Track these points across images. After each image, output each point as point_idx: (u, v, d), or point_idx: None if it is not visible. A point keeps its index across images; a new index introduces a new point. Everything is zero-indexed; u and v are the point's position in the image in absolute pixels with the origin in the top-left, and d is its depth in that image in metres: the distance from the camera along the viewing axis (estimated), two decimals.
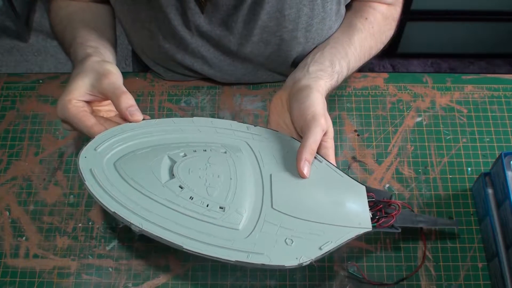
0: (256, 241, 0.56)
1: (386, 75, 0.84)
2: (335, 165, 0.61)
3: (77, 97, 0.60)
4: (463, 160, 0.76)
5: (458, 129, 0.79)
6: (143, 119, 0.61)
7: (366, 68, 0.85)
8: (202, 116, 0.80)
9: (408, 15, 1.59)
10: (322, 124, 0.60)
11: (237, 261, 0.54)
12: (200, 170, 0.58)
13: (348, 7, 0.76)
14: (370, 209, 0.60)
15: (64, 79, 0.84)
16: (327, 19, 0.72)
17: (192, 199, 0.56)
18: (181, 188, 0.57)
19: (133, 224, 0.54)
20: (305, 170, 0.59)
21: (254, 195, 0.59)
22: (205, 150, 0.60)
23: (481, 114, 0.80)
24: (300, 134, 0.62)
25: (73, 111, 0.59)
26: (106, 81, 0.60)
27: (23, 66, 1.91)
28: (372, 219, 0.59)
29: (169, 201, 0.56)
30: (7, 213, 0.73)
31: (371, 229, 0.58)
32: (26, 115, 0.80)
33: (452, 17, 1.63)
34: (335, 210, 0.59)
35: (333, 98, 0.81)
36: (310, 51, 0.74)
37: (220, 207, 0.57)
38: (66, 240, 0.71)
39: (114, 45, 0.75)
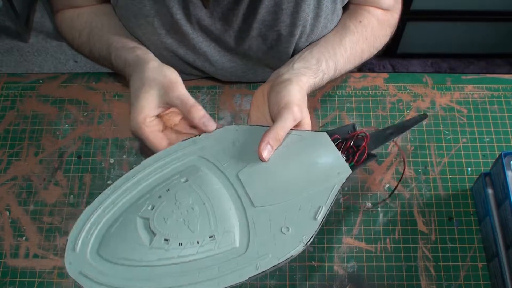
0: (257, 247, 0.55)
1: (386, 75, 0.84)
2: None
3: (149, 114, 0.61)
4: (463, 160, 0.76)
5: (458, 129, 0.79)
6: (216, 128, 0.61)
7: (366, 68, 0.85)
8: None
9: (408, 15, 1.59)
10: (294, 112, 0.60)
11: (249, 277, 0.54)
12: (174, 214, 0.56)
13: (344, 9, 0.76)
14: (341, 151, 0.60)
15: (64, 79, 0.84)
16: (322, 17, 0.72)
17: (181, 245, 0.55)
18: (167, 240, 0.55)
19: None
20: (265, 153, 0.58)
21: (233, 205, 0.57)
22: (168, 190, 0.58)
23: (481, 114, 0.80)
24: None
25: (146, 133, 0.60)
26: (173, 94, 0.60)
27: (23, 66, 1.91)
28: (347, 159, 0.59)
29: (162, 259, 0.55)
30: (7, 213, 0.73)
31: (351, 172, 0.58)
32: (26, 115, 0.80)
33: (452, 17, 1.63)
34: (311, 174, 0.59)
35: (333, 98, 0.81)
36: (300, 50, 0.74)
37: (209, 237, 0.55)
38: (66, 240, 0.71)
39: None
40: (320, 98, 0.81)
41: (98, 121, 0.80)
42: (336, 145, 0.61)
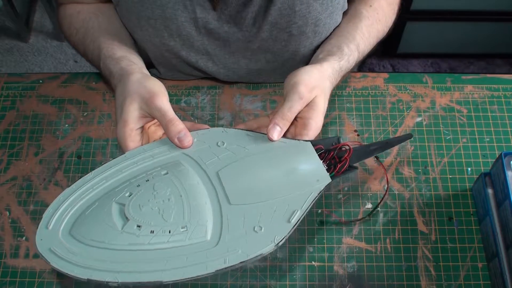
0: (228, 243, 0.56)
1: (386, 75, 0.84)
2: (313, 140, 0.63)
3: (133, 127, 0.61)
4: (463, 160, 0.76)
5: (458, 129, 0.79)
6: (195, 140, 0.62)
7: (366, 68, 0.85)
8: (203, 116, 0.80)
9: (408, 15, 1.59)
10: (300, 92, 0.60)
11: (216, 270, 0.55)
12: (150, 202, 0.57)
13: None
14: (323, 161, 0.61)
15: (64, 79, 0.84)
16: (334, 13, 0.72)
17: (153, 232, 0.56)
18: (139, 226, 0.56)
19: (110, 282, 0.54)
20: (274, 134, 0.60)
21: (209, 201, 0.58)
22: (148, 180, 0.59)
23: (481, 114, 0.80)
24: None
25: (130, 147, 0.61)
26: (152, 106, 0.60)
27: (23, 66, 1.91)
28: (328, 169, 0.60)
29: (132, 244, 0.56)
30: (7, 213, 0.73)
31: (330, 181, 0.59)
32: (26, 115, 0.80)
33: (452, 17, 1.63)
34: (291, 179, 0.60)
35: (333, 98, 0.81)
36: (319, 45, 0.75)
37: (182, 227, 0.56)
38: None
39: (134, 44, 0.75)
40: None
41: (98, 121, 0.80)
42: (318, 155, 0.61)
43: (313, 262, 0.70)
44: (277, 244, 0.56)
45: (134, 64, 0.67)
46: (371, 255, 0.70)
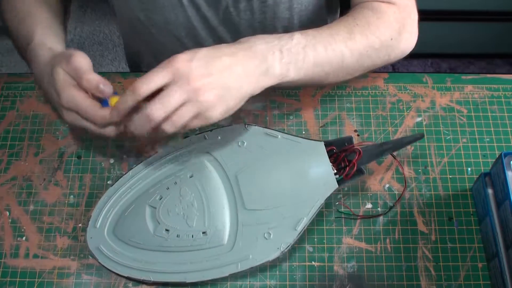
0: (241, 248, 0.63)
1: (386, 75, 0.84)
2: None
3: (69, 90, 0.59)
4: (463, 160, 0.76)
5: (458, 129, 0.79)
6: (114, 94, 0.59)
7: None
8: None
9: None
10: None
11: (230, 274, 0.62)
12: (176, 207, 0.64)
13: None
14: (333, 163, 0.65)
15: None
16: None
17: (178, 236, 0.63)
18: (167, 231, 0.63)
19: (145, 280, 0.63)
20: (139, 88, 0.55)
21: (227, 205, 0.64)
22: (176, 183, 0.65)
23: (481, 114, 0.80)
24: None
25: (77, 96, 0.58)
26: (69, 67, 0.58)
27: (23, 66, 1.90)
28: (338, 171, 0.64)
29: (162, 246, 0.63)
30: (7, 213, 0.73)
31: (337, 187, 0.63)
32: (26, 115, 0.80)
33: (452, 17, 1.63)
34: (301, 184, 0.64)
35: (333, 98, 0.81)
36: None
37: (202, 233, 0.63)
38: (66, 240, 0.71)
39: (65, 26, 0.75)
40: (320, 98, 0.81)
41: None
42: (330, 156, 0.65)
43: (313, 262, 0.70)
44: (283, 251, 0.62)
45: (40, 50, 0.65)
46: (371, 255, 0.70)
